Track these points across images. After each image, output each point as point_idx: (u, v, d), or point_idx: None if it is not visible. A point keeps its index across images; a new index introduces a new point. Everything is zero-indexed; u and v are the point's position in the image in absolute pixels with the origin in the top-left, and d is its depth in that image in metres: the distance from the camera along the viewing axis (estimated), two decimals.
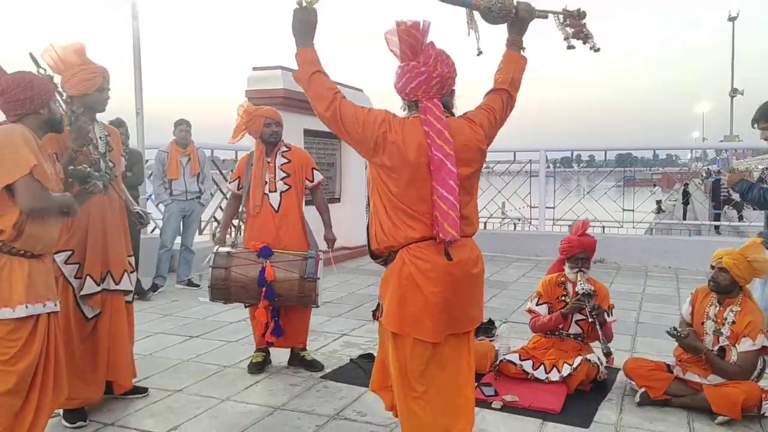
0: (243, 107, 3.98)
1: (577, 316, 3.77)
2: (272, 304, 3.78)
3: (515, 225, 10.62)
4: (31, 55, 2.91)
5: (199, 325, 5.14)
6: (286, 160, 3.98)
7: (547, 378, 3.64)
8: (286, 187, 3.93)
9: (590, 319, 3.65)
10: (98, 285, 3.23)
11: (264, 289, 3.70)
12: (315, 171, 4.07)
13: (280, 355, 4.13)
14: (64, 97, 3.11)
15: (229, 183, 4.21)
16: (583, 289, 3.67)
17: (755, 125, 3.55)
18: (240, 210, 4.08)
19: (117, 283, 3.31)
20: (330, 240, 4.12)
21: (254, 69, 7.59)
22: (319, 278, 3.77)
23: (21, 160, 2.40)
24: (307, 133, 7.95)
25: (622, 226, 9.28)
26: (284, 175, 3.94)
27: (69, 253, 3.16)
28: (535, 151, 9.61)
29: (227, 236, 4.28)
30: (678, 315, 5.13)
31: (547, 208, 9.42)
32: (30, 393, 2.52)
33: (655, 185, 19.01)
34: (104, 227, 3.24)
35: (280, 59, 7.75)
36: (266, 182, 3.90)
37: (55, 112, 2.71)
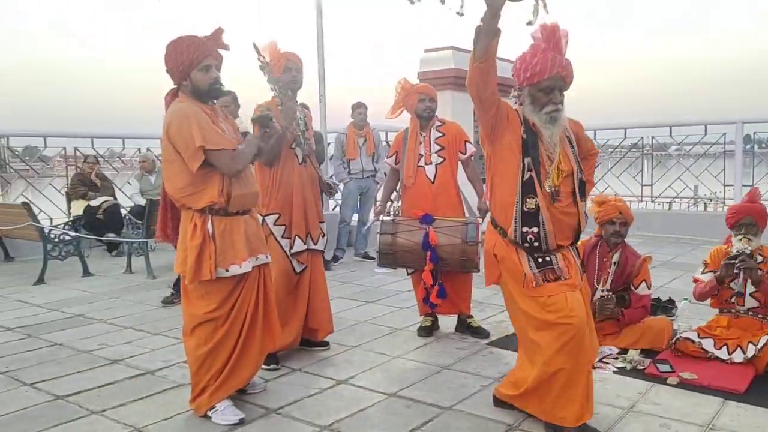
0: (401, 84, 4.19)
1: (751, 288, 3.47)
2: (436, 267, 3.96)
3: (705, 205, 9.70)
4: (253, 44, 3.36)
5: (374, 292, 5.50)
6: (440, 134, 4.13)
7: (730, 359, 3.39)
8: (441, 159, 4.09)
9: (735, 270, 3.39)
10: (304, 244, 3.69)
11: (428, 253, 3.90)
12: (467, 144, 4.17)
13: (448, 323, 4.31)
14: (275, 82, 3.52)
15: (387, 158, 4.46)
16: (737, 249, 3.43)
17: None
18: (398, 184, 4.31)
19: (315, 244, 3.75)
20: (483, 210, 4.20)
21: (426, 51, 7.81)
22: (480, 242, 3.88)
23: (195, 140, 2.68)
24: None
25: None
26: (438, 148, 4.10)
27: (277, 215, 3.63)
28: (731, 124, 8.69)
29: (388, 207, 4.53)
30: None
31: (743, 186, 8.49)
32: (240, 333, 2.92)
33: None
34: (303, 195, 3.68)
35: (451, 40, 7.88)
36: (421, 155, 4.09)
37: (199, 83, 2.81)
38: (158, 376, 3.51)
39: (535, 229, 2.61)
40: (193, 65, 2.79)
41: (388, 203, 4.41)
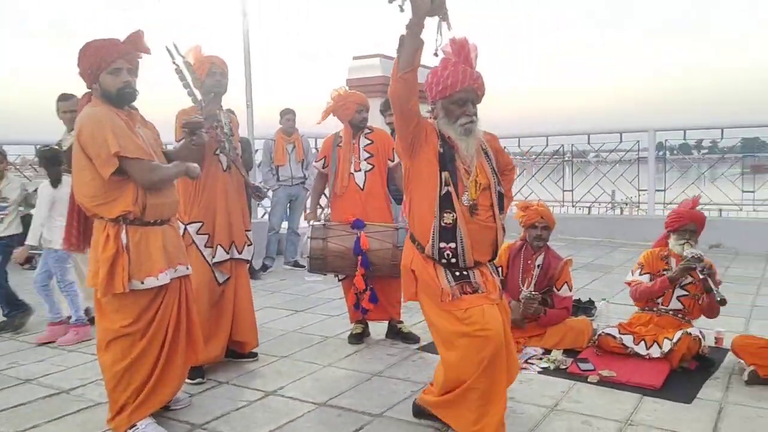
0: (338, 92, 4.18)
1: (679, 292, 3.65)
2: (368, 272, 3.96)
3: (622, 210, 10.19)
4: (166, 47, 3.26)
5: (304, 300, 5.43)
6: (369, 142, 4.16)
7: (648, 354, 3.55)
8: (370, 166, 4.11)
9: (701, 277, 3.56)
10: (227, 253, 3.59)
11: (360, 257, 3.89)
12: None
13: (378, 329, 4.31)
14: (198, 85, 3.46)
15: (315, 162, 4.44)
16: (692, 253, 3.59)
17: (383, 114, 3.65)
18: (326, 188, 4.30)
19: (240, 253, 3.65)
20: None
21: (354, 58, 7.83)
22: None
23: (109, 146, 2.57)
24: None
25: (741, 210, 8.64)
26: (368, 155, 4.12)
27: (200, 224, 3.51)
28: (644, 132, 9.16)
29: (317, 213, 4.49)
30: None
31: (656, 191, 8.98)
32: (162, 348, 2.81)
33: None
34: (228, 203, 3.58)
35: (379, 48, 7.94)
36: (351, 162, 4.10)
37: (108, 86, 2.70)
38: (74, 395, 3.33)
39: (453, 245, 2.58)
40: (101, 68, 2.68)
41: (318, 210, 4.38)
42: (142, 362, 2.75)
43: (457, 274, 2.63)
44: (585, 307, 4.75)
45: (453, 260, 2.61)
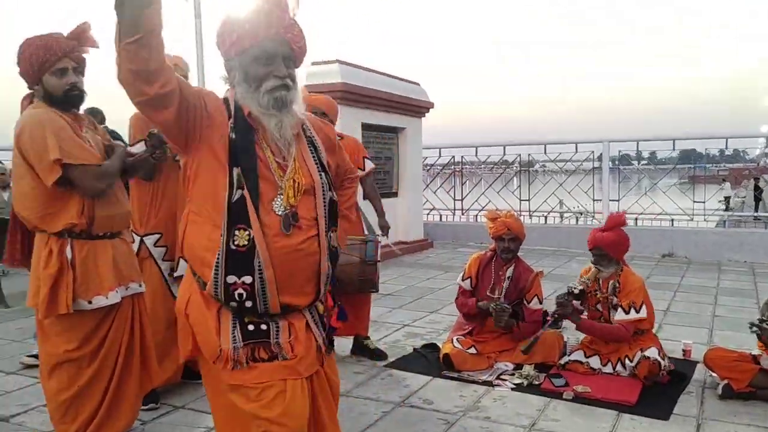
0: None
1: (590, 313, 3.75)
2: (335, 288, 3.77)
3: (577, 219, 10.31)
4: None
5: None
6: None
7: (617, 373, 3.52)
8: None
9: (550, 319, 3.72)
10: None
11: None
12: (366, 160, 4.06)
13: (343, 345, 4.12)
14: None
15: None
16: (571, 286, 3.66)
17: None
18: None
19: None
20: (384, 227, 4.10)
21: (312, 63, 7.65)
22: (379, 261, 3.76)
23: (50, 152, 2.33)
24: (365, 126, 7.96)
25: (692, 219, 8.86)
26: None
27: (158, 235, 3.26)
28: (598, 143, 9.31)
29: None
30: (757, 308, 4.88)
31: (611, 201, 9.12)
32: (113, 375, 2.57)
33: (724, 180, 18.19)
34: None
35: (337, 53, 7.80)
36: None
37: (52, 88, 2.46)
38: (14, 423, 3.04)
39: (248, 279, 1.67)
40: (44, 68, 2.42)
41: None
42: (91, 391, 2.50)
43: (251, 328, 1.73)
44: (554, 320, 4.67)
45: (248, 303, 1.70)
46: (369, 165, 4.06)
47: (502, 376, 3.61)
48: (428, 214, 10.48)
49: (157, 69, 1.56)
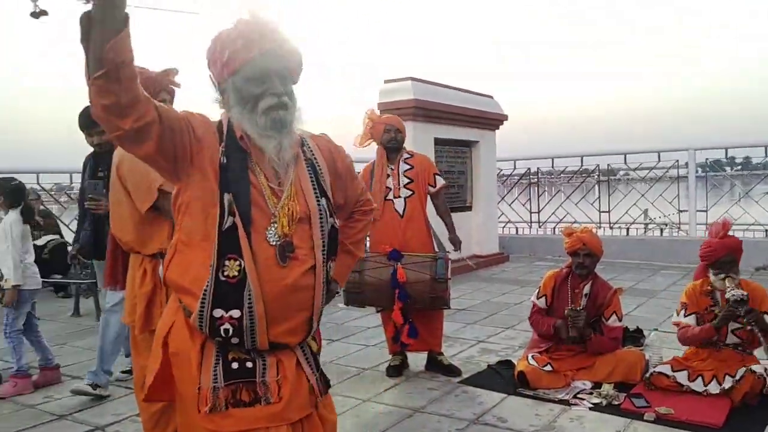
0: (368, 114, 4.11)
1: (733, 325, 3.42)
2: (405, 305, 3.82)
3: (662, 230, 9.89)
4: None
5: (339, 329, 5.31)
6: (408, 167, 4.05)
7: (705, 391, 3.34)
8: (410, 192, 3.99)
9: (748, 327, 3.31)
10: None
11: (397, 290, 3.76)
12: (437, 176, 4.10)
13: (417, 360, 4.16)
14: None
15: None
16: (733, 296, 3.31)
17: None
18: None
19: None
20: (455, 242, 4.11)
21: (386, 81, 7.79)
22: (449, 278, 3.78)
23: (152, 180, 2.47)
24: (438, 141, 8.01)
25: None
26: (407, 180, 4.01)
27: None
28: (683, 151, 8.92)
29: None
30: None
31: (698, 211, 8.70)
32: None
33: None
34: None
35: (410, 71, 7.90)
36: (390, 188, 3.99)
37: None
38: None
39: (236, 313, 1.55)
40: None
41: None
42: None
43: (234, 366, 1.59)
44: (633, 336, 4.53)
45: (235, 340, 1.58)
46: (440, 182, 4.10)
47: (580, 395, 3.52)
48: (504, 227, 10.37)
49: (129, 102, 1.45)
